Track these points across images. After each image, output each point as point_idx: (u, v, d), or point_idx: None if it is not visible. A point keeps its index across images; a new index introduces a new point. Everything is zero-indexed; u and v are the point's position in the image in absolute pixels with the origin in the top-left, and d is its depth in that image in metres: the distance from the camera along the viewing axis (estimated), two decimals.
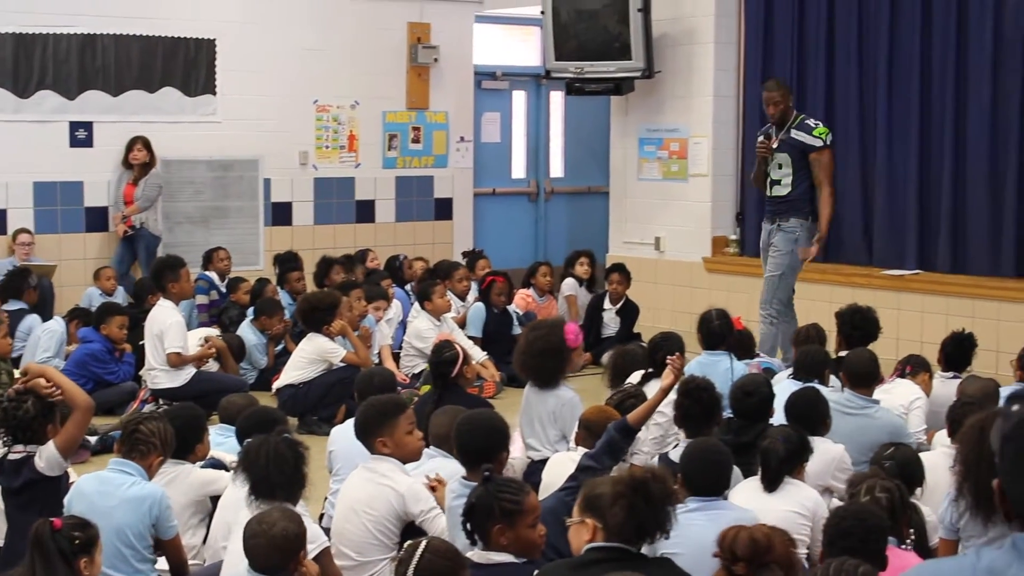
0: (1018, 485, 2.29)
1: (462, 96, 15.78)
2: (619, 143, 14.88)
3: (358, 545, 5.85)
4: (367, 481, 5.95)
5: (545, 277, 12.90)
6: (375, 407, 6.22)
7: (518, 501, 4.82)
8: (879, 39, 12.89)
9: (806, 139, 10.51)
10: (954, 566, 2.38)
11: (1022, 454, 2.28)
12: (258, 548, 4.69)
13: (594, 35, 14.03)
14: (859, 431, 7.16)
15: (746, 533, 3.96)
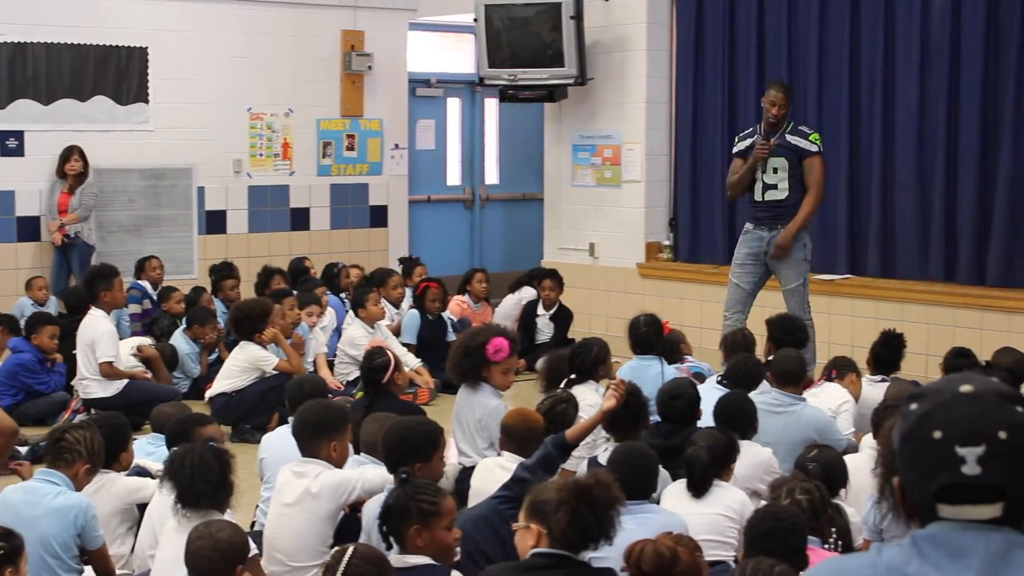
0: (916, 483, 2.34)
1: (396, 103, 15.79)
2: (553, 150, 14.94)
3: (291, 551, 5.86)
4: (296, 484, 5.96)
5: (480, 284, 12.93)
6: (337, 409, 6.27)
7: (435, 503, 4.86)
8: (808, 44, 13.01)
9: (802, 144, 10.48)
10: (855, 563, 2.41)
11: (919, 453, 2.32)
12: (202, 551, 4.67)
13: (527, 42, 14.07)
14: (787, 428, 7.25)
15: (651, 548, 3.98)
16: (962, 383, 2.34)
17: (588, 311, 13.80)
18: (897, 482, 2.40)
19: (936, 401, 2.33)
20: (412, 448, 5.82)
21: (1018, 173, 11.61)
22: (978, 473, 2.28)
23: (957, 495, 2.30)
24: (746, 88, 13.54)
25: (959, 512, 2.31)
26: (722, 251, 13.75)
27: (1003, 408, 2.31)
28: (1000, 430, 2.28)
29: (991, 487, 2.29)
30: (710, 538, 5.78)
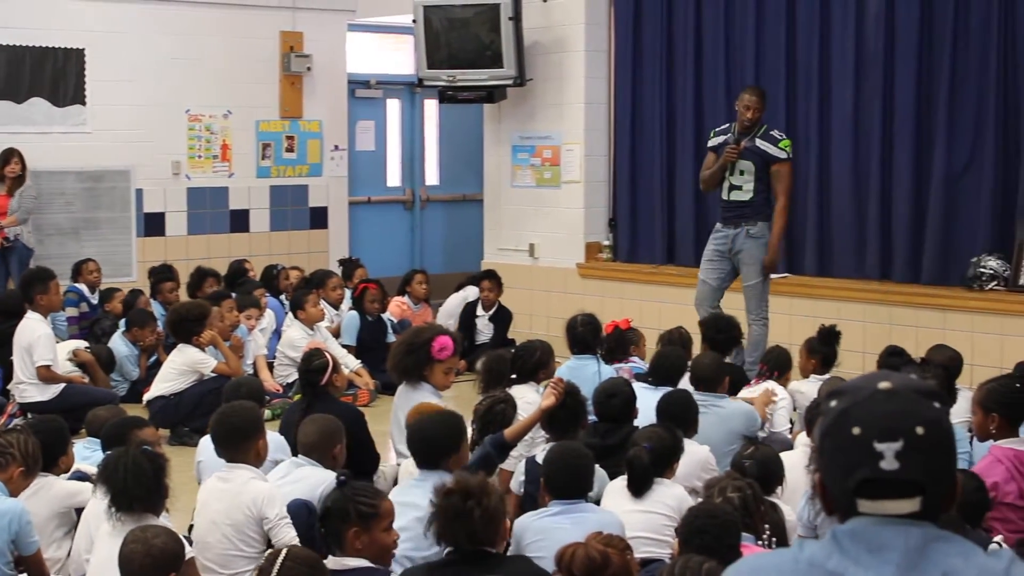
0: (836, 479, 2.37)
1: (336, 105, 15.77)
2: (492, 151, 14.95)
3: (221, 558, 5.84)
4: (224, 491, 5.94)
5: (420, 285, 12.94)
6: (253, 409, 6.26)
7: (374, 505, 4.88)
8: (745, 46, 13.10)
9: (770, 149, 10.61)
10: (777, 559, 2.43)
11: (838, 449, 2.35)
12: (135, 555, 4.66)
13: (466, 43, 14.08)
14: (712, 426, 7.31)
15: (582, 551, 4.00)
16: (880, 380, 2.38)
17: (528, 311, 13.83)
18: (818, 478, 2.43)
19: (855, 398, 2.36)
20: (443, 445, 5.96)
21: (951, 174, 11.74)
22: (896, 468, 2.31)
23: (876, 490, 2.33)
24: (684, 88, 13.62)
25: (878, 507, 2.34)
26: (661, 251, 13.84)
27: (920, 404, 2.35)
28: (917, 426, 2.31)
29: (909, 482, 2.32)
30: (648, 535, 5.82)
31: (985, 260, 11.44)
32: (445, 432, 6.09)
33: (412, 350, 7.80)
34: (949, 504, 2.39)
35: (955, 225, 11.78)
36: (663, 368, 8.05)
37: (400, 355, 7.83)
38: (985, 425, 6.19)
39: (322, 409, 7.18)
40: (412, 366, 7.77)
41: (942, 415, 2.37)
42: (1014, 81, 11.49)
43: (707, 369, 7.80)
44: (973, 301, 11.32)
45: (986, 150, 11.58)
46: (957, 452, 2.40)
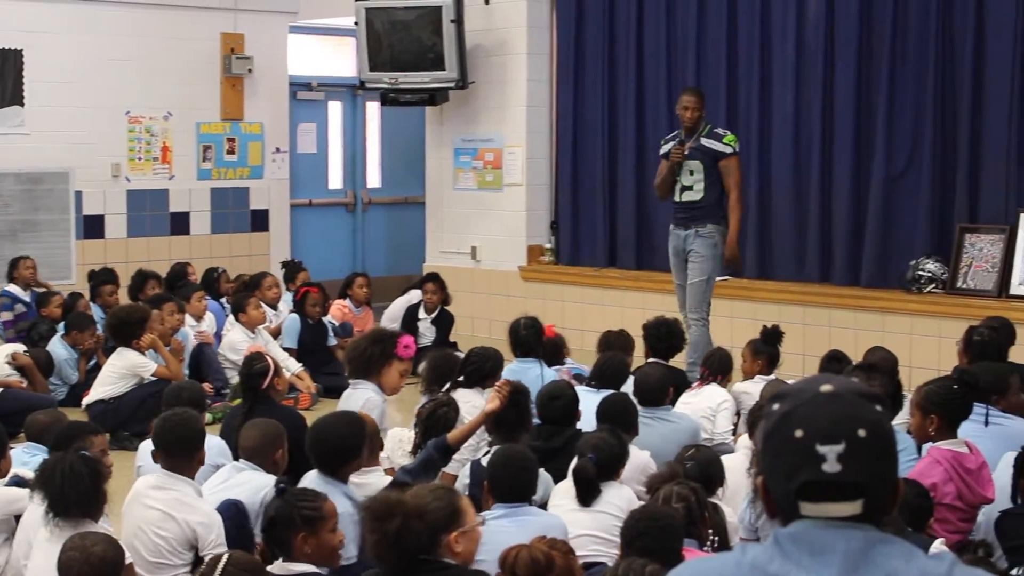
0: (778, 482, 2.38)
1: (277, 107, 15.70)
2: (434, 153, 14.94)
3: (148, 564, 5.78)
4: (159, 500, 5.89)
5: (361, 288, 12.88)
6: (196, 420, 6.22)
7: (317, 507, 4.88)
8: (687, 49, 13.15)
9: (716, 146, 10.66)
10: (719, 563, 2.44)
11: (781, 452, 2.36)
12: (73, 562, 4.63)
13: (408, 46, 14.06)
14: (659, 438, 7.31)
15: (526, 553, 4.00)
16: (822, 383, 2.39)
17: (470, 314, 13.82)
18: (760, 480, 2.44)
19: (797, 401, 2.37)
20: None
21: (890, 177, 11.84)
22: (838, 471, 2.32)
23: (818, 493, 2.34)
24: (626, 92, 13.66)
25: (820, 510, 2.35)
26: (603, 254, 13.87)
27: (862, 407, 2.36)
28: (859, 428, 2.33)
29: (851, 484, 2.33)
30: (596, 535, 5.84)
31: (923, 263, 11.54)
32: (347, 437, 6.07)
33: (379, 339, 7.81)
34: (891, 507, 2.40)
35: (894, 228, 11.89)
36: (607, 372, 8.06)
37: (366, 344, 7.80)
38: (924, 427, 6.24)
39: (263, 413, 7.14)
40: (376, 356, 7.76)
41: (883, 418, 2.38)
42: (951, 85, 11.61)
43: (653, 389, 7.74)
44: (911, 303, 11.42)
45: (924, 154, 11.69)
46: (898, 455, 2.41)
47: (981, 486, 6.02)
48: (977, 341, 8.23)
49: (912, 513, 5.29)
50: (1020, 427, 7.01)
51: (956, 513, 5.98)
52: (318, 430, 6.16)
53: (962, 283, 11.48)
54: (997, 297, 11.22)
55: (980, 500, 6.03)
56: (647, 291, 13.02)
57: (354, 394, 7.72)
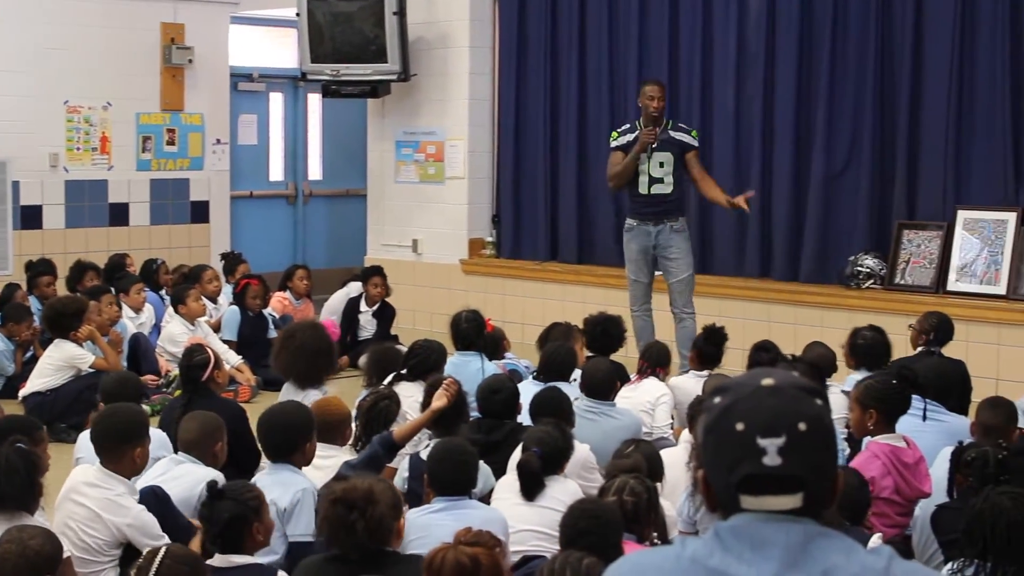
0: (719, 475, 2.38)
1: (218, 98, 15.59)
2: (376, 146, 14.90)
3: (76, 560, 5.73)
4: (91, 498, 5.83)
5: (302, 281, 12.82)
6: (139, 414, 6.18)
7: (257, 495, 4.92)
8: (629, 44, 13.19)
9: (686, 139, 10.69)
10: (659, 557, 2.43)
11: (722, 445, 2.36)
12: (9, 555, 4.59)
13: (350, 38, 14.01)
14: (603, 434, 7.32)
15: (452, 555, 3.98)
16: (764, 376, 2.40)
17: (412, 307, 13.80)
18: (701, 474, 2.44)
19: (738, 394, 2.38)
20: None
21: (830, 174, 11.93)
22: (779, 464, 2.32)
23: (759, 486, 2.34)
24: (568, 85, 13.68)
25: (761, 503, 2.35)
26: (544, 247, 13.88)
27: (803, 400, 2.36)
28: (800, 422, 2.33)
29: (791, 477, 2.34)
30: (539, 530, 5.84)
31: (862, 259, 11.63)
32: (297, 424, 6.08)
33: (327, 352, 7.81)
34: (831, 500, 2.41)
35: (833, 224, 11.98)
36: (553, 365, 8.07)
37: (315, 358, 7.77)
38: (863, 421, 6.29)
39: (203, 405, 7.10)
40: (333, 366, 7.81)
41: (823, 411, 2.39)
42: (891, 83, 11.70)
43: (601, 381, 7.77)
44: (850, 299, 11.50)
45: (863, 151, 11.79)
46: (838, 448, 2.42)
47: (918, 480, 6.07)
48: (861, 344, 8.32)
49: (852, 505, 5.33)
50: (957, 422, 7.08)
51: (893, 507, 6.03)
52: (270, 415, 6.23)
53: (900, 279, 11.58)
54: (934, 293, 11.32)
55: (917, 494, 6.08)
56: (588, 285, 13.05)
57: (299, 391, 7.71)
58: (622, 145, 10.77)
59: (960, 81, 11.32)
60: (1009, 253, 11.11)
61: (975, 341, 10.51)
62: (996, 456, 5.52)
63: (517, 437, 6.53)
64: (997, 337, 10.74)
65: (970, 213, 11.36)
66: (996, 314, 10.85)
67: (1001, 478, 5.41)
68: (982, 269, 11.23)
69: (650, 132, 10.54)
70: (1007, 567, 4.67)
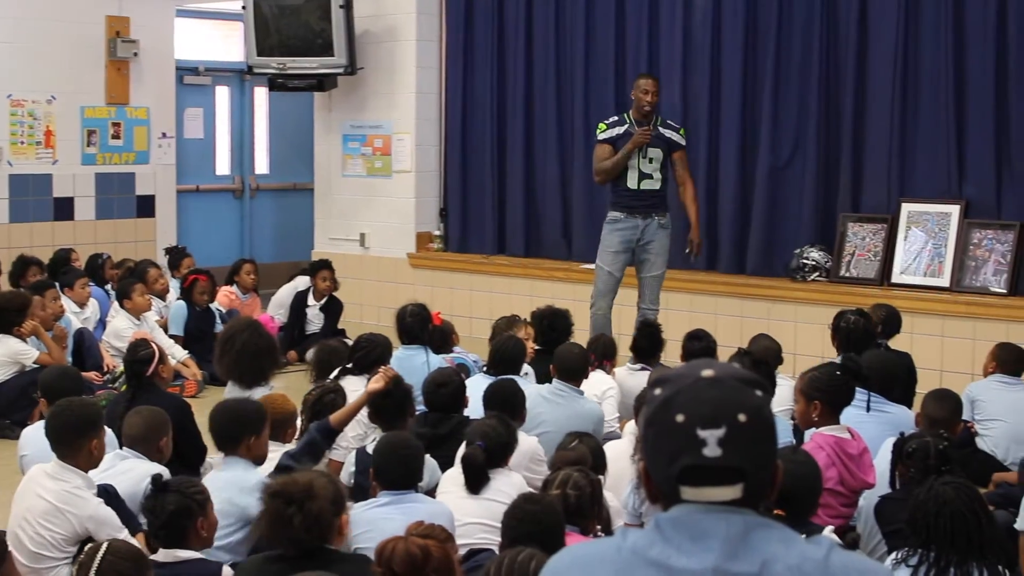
0: (660, 467, 2.38)
1: (163, 91, 15.50)
2: (323, 139, 14.86)
3: (32, 556, 5.70)
4: (50, 491, 5.79)
5: (248, 275, 12.78)
6: (93, 406, 6.14)
7: (202, 489, 4.92)
8: (576, 37, 13.21)
9: (675, 136, 10.70)
10: (599, 548, 2.44)
11: (662, 436, 2.37)
12: None
13: (296, 31, 13.97)
14: (568, 418, 7.37)
15: (403, 547, 3.97)
16: (704, 368, 2.40)
17: (359, 301, 13.77)
18: (642, 466, 2.44)
19: (678, 386, 2.38)
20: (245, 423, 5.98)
21: (775, 167, 12.00)
22: (719, 455, 2.33)
23: (699, 477, 2.35)
24: (515, 79, 13.70)
25: (701, 494, 2.36)
26: (492, 241, 13.89)
27: (743, 392, 2.37)
28: (740, 413, 2.34)
29: (731, 469, 2.34)
30: (485, 523, 5.84)
31: (808, 252, 11.69)
32: (249, 413, 6.07)
33: (268, 350, 7.74)
34: (771, 491, 2.42)
35: (779, 217, 12.05)
36: (503, 357, 8.09)
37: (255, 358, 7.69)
38: (808, 413, 6.32)
39: (148, 400, 7.06)
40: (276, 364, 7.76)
41: (764, 403, 2.39)
42: (836, 76, 11.77)
43: (573, 359, 7.85)
44: (796, 292, 11.56)
45: (808, 144, 11.85)
46: (778, 440, 2.43)
47: (862, 471, 6.11)
48: (843, 328, 8.38)
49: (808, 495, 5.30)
50: (900, 413, 7.14)
51: (838, 498, 6.07)
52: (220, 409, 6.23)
53: (845, 271, 11.65)
54: (879, 285, 11.39)
55: (861, 485, 6.12)
56: (536, 279, 13.06)
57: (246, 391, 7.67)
58: (611, 138, 10.66)
59: (904, 75, 11.40)
60: (952, 246, 11.20)
61: (919, 333, 10.59)
62: (937, 447, 5.57)
63: (463, 431, 6.53)
64: (941, 329, 10.82)
65: (914, 206, 11.45)
66: (940, 306, 10.93)
67: (942, 468, 5.45)
68: (926, 262, 11.31)
69: (645, 132, 10.52)
70: (949, 557, 4.71)
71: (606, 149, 10.68)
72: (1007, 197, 11.13)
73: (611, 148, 10.65)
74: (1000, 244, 11.06)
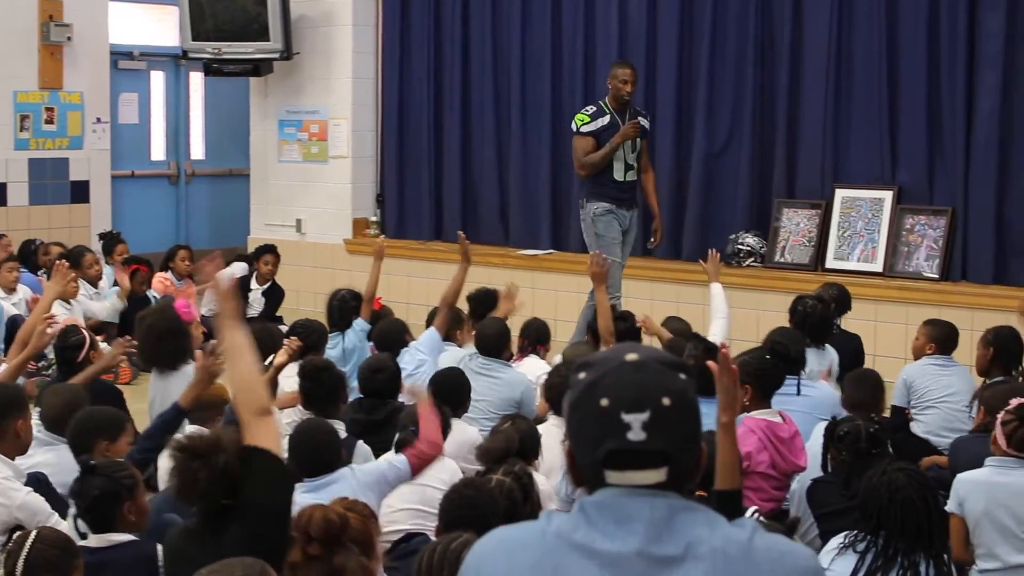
0: (584, 451, 2.39)
1: (97, 76, 15.35)
2: (259, 125, 14.79)
3: None
4: None
5: (184, 261, 12.72)
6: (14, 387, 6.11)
7: (131, 473, 4.87)
8: (512, 23, 13.21)
9: (647, 125, 10.76)
10: (523, 532, 2.45)
11: (587, 421, 2.38)
12: None
13: (232, 15, 13.88)
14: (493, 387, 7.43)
15: (320, 513, 3.95)
16: (627, 352, 2.41)
17: (296, 287, 13.71)
18: (567, 449, 2.45)
19: (602, 370, 2.39)
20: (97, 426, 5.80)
21: (711, 154, 12.08)
22: (643, 439, 2.34)
23: (624, 461, 2.35)
24: (452, 65, 13.68)
25: (625, 478, 2.36)
26: (429, 227, 13.88)
27: (666, 375, 2.38)
28: (664, 396, 2.35)
29: (656, 452, 2.35)
30: (419, 508, 5.85)
31: (743, 237, 11.76)
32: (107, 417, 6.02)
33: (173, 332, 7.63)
34: (695, 474, 2.44)
35: (714, 203, 12.11)
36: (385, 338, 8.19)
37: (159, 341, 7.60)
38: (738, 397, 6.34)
39: None
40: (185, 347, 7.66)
41: (687, 386, 2.41)
42: (770, 63, 11.84)
43: (493, 339, 7.94)
44: (732, 277, 11.56)
45: (744, 130, 11.92)
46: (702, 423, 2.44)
47: (794, 455, 6.15)
48: (800, 311, 8.41)
49: None
50: (830, 396, 7.19)
51: (770, 481, 6.11)
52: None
53: (780, 257, 11.73)
54: (813, 271, 11.48)
55: (793, 468, 6.16)
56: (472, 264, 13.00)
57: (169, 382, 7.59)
58: (594, 131, 10.51)
59: (838, 61, 11.48)
60: (885, 231, 11.30)
61: (853, 318, 10.62)
62: (868, 430, 5.61)
63: (399, 417, 6.53)
64: (874, 314, 10.90)
65: (848, 192, 11.54)
66: (873, 291, 11.02)
67: (873, 451, 5.50)
68: (859, 247, 11.40)
69: (635, 125, 10.48)
70: (898, 544, 4.73)
71: (590, 142, 10.51)
72: (939, 183, 11.24)
73: (594, 141, 10.48)
74: (932, 230, 11.16)
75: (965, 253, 11.09)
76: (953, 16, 11.01)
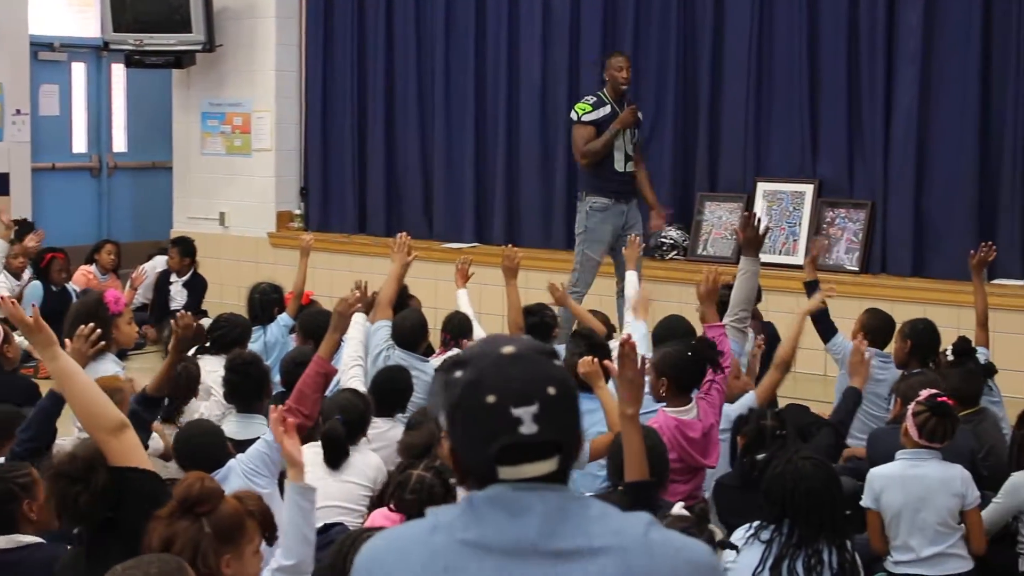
0: (473, 449, 2.37)
1: (17, 68, 15.17)
2: (182, 117, 14.70)
3: None
4: None
5: (109, 255, 12.65)
6: None
7: (28, 473, 4.81)
8: (436, 15, 13.19)
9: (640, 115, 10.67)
10: (412, 530, 2.43)
11: (474, 419, 2.36)
12: None
13: (153, 7, 13.78)
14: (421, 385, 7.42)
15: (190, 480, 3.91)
16: (503, 344, 2.39)
17: (219, 281, 13.63)
18: (448, 447, 2.43)
19: (481, 365, 2.37)
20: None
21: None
22: (535, 431, 2.32)
23: (517, 455, 2.34)
24: (375, 57, 13.65)
25: (519, 472, 2.35)
26: (352, 221, 13.85)
27: (545, 364, 2.38)
28: (549, 386, 2.34)
29: (548, 443, 2.35)
30: (343, 505, 5.84)
31: (666, 230, 11.78)
32: None
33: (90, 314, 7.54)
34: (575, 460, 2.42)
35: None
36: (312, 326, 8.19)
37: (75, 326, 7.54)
38: (656, 388, 6.35)
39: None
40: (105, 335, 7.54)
41: (566, 373, 2.41)
42: (692, 56, 11.89)
43: (410, 331, 7.93)
44: (655, 270, 11.64)
45: (666, 123, 11.96)
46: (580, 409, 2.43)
47: (702, 454, 6.13)
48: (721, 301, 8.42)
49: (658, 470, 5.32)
50: None
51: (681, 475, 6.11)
52: None
53: (702, 250, 11.78)
54: (735, 263, 11.48)
55: (700, 467, 6.17)
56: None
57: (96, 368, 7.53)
58: (595, 120, 10.44)
59: (760, 54, 11.55)
60: (806, 224, 11.38)
61: (774, 311, 10.70)
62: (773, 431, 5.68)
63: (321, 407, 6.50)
64: (795, 306, 10.92)
65: (769, 185, 11.61)
66: (794, 284, 11.05)
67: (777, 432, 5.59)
68: (780, 240, 11.47)
69: (633, 110, 10.45)
70: (803, 530, 4.77)
71: (590, 131, 10.43)
72: (859, 176, 11.33)
73: (595, 131, 10.42)
74: (852, 223, 11.25)
75: (885, 246, 11.18)
76: (872, 11, 11.11)
